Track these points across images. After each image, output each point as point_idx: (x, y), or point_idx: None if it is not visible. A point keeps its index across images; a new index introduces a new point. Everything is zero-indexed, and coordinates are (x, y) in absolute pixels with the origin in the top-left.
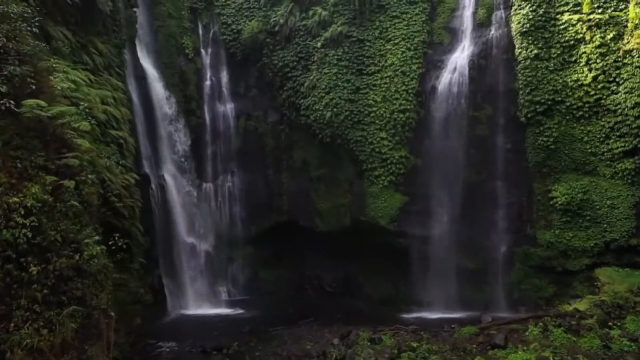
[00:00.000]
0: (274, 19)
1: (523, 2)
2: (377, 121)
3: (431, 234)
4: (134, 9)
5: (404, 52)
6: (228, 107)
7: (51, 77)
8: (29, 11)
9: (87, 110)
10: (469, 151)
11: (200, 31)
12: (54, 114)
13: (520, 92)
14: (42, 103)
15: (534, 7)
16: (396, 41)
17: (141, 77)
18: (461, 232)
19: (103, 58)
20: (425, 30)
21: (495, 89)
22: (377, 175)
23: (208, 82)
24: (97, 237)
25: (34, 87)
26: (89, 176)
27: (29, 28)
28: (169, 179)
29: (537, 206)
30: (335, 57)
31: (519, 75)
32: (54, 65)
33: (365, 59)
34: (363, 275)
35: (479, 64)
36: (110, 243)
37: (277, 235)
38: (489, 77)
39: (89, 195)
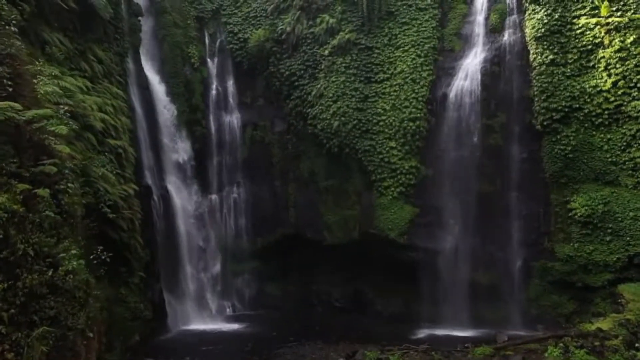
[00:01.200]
0: (281, 27)
1: (537, 7)
2: (386, 130)
3: (443, 247)
4: (139, 18)
5: (413, 59)
6: (234, 117)
7: (34, 81)
8: (6, 8)
9: (67, 114)
10: (482, 161)
11: (207, 40)
12: (30, 118)
13: (536, 99)
14: (17, 106)
15: (549, 11)
16: (406, 48)
17: (144, 86)
18: (474, 245)
19: (103, 66)
20: (435, 37)
21: (509, 96)
22: (386, 186)
23: (214, 92)
24: (74, 251)
25: (11, 89)
26: (70, 184)
27: (7, 27)
28: (172, 190)
29: (554, 218)
30: (343, 64)
31: (534, 81)
32: (40, 68)
33: (373, 67)
34: (373, 290)
35: (492, 71)
36: (91, 257)
37: (284, 249)
38: (502, 84)
39: (69, 205)
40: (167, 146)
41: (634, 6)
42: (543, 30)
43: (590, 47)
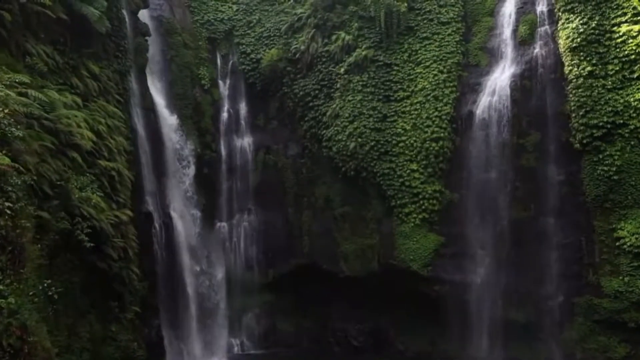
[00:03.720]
0: (295, 46)
1: (572, 15)
2: (406, 151)
3: (472, 280)
4: (146, 38)
5: (435, 75)
6: (246, 141)
7: None
8: None
9: (9, 118)
10: (514, 184)
11: (219, 62)
12: None
13: (573, 115)
14: None
15: (584, 19)
16: (427, 64)
17: (149, 108)
18: (508, 278)
19: (99, 83)
20: (459, 52)
21: (543, 112)
22: (407, 212)
23: (225, 114)
24: (2, 287)
25: None
26: (9, 204)
27: None
28: (176, 217)
29: (599, 248)
30: (360, 83)
31: (571, 96)
32: None
33: (392, 84)
34: (395, 327)
35: (522, 85)
36: (48, 292)
37: (297, 281)
38: (534, 99)
39: (9, 230)
40: (173, 171)
41: None
42: (579, 40)
43: (633, 56)
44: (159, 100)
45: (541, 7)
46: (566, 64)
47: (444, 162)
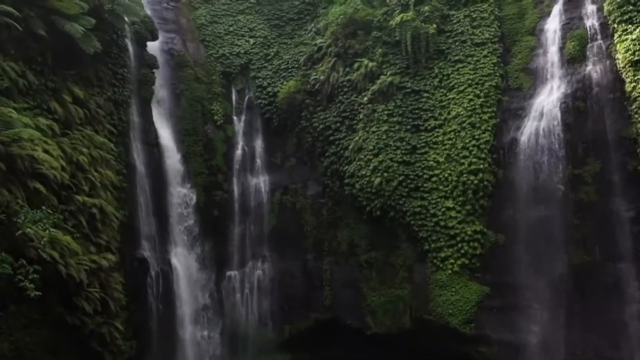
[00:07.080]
0: (314, 77)
1: (630, 26)
2: (440, 187)
3: (526, 340)
4: (152, 70)
5: (471, 99)
6: (261, 180)
7: None
8: None
9: None
10: (571, 222)
11: (234, 97)
12: None
13: None
14: None
15: None
16: (461, 88)
17: (152, 143)
18: (571, 338)
19: (85, 110)
20: (497, 74)
21: (602, 137)
22: (443, 257)
23: (239, 152)
24: None
25: None
26: None
27: None
28: (177, 265)
29: None
30: (386, 112)
31: (637, 116)
32: None
33: (422, 113)
34: None
35: (575, 107)
36: None
37: (318, 339)
38: (591, 122)
39: None
40: (176, 212)
41: None
42: None
43: None
44: (165, 135)
45: (591, 21)
46: (627, 80)
47: (485, 197)
